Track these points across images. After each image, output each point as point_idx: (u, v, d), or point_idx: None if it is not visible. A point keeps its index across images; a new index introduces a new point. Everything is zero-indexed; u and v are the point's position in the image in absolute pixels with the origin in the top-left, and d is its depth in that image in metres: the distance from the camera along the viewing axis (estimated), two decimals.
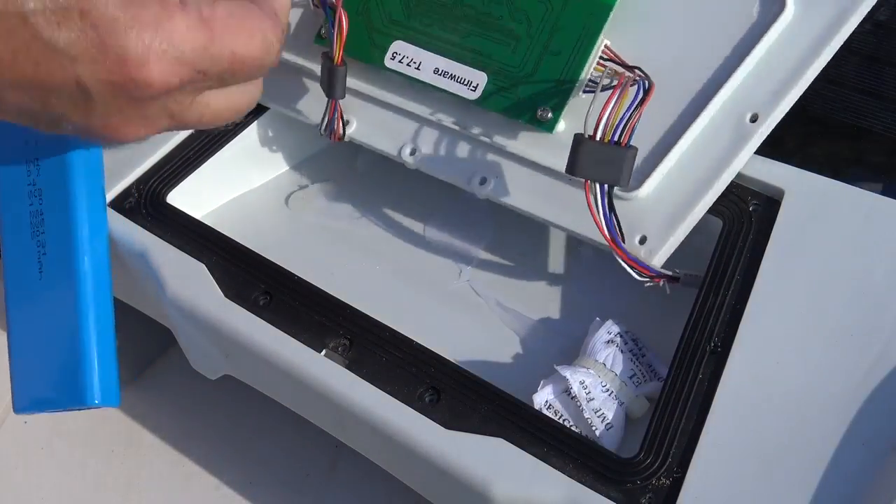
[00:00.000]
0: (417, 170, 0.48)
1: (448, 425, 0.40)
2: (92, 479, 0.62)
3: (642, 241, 0.41)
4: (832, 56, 0.42)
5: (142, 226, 0.49)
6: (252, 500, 0.60)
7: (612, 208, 0.40)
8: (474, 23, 0.47)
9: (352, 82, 0.48)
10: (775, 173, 0.42)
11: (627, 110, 0.39)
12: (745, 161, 0.42)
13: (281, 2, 0.33)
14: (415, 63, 0.47)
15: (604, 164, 0.39)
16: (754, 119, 0.41)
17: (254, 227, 0.53)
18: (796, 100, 0.42)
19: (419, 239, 0.53)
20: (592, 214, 0.40)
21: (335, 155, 0.57)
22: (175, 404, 0.64)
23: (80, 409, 0.47)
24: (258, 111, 0.54)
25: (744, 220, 0.42)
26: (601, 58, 0.43)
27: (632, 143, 0.39)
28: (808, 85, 0.42)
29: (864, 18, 0.42)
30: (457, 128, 0.47)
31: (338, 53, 0.46)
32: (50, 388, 0.45)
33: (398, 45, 0.48)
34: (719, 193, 0.42)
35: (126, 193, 0.51)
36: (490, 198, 0.46)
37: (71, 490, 0.61)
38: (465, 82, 0.46)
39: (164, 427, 0.65)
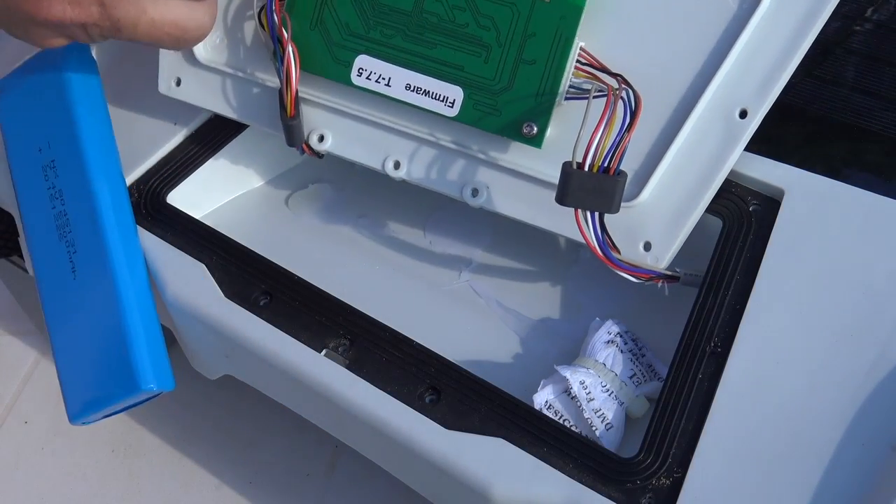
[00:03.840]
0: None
1: (448, 425, 0.40)
2: (92, 479, 0.62)
3: (647, 247, 0.41)
4: (815, 43, 0.40)
5: (142, 226, 0.49)
6: (252, 500, 0.60)
7: (603, 230, 0.39)
8: (439, 32, 0.43)
9: (323, 97, 0.46)
10: (775, 173, 0.42)
11: (616, 136, 0.38)
12: (739, 155, 0.41)
13: None
14: (384, 79, 0.44)
15: (594, 193, 0.38)
16: (743, 115, 0.41)
17: (254, 228, 0.53)
18: (782, 89, 0.41)
19: (419, 239, 0.53)
20: (585, 239, 0.39)
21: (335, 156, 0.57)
22: (175, 404, 0.64)
23: (136, 405, 0.44)
24: None
25: (744, 220, 0.42)
26: (579, 61, 0.42)
27: (622, 164, 0.38)
28: (793, 72, 0.40)
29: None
30: (441, 141, 0.45)
31: (289, 105, 0.42)
32: (101, 385, 0.42)
33: (363, 60, 0.45)
34: (717, 190, 0.41)
35: None
36: (484, 208, 0.45)
37: (71, 490, 0.61)
38: (441, 98, 0.43)
39: (164, 427, 0.65)
